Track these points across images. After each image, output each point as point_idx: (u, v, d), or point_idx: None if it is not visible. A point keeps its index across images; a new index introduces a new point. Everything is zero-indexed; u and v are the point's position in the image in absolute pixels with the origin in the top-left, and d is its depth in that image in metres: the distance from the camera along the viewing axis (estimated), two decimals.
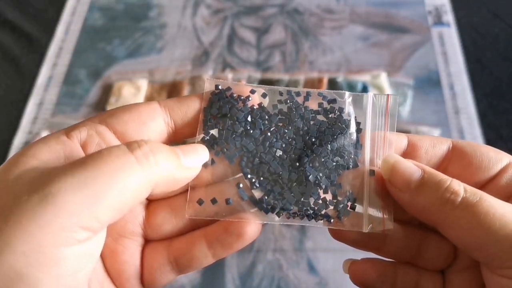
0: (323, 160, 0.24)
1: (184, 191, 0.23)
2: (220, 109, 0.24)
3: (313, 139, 0.24)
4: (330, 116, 0.25)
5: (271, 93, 0.25)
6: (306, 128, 0.25)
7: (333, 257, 0.52)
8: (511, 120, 0.63)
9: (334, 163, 0.24)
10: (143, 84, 0.68)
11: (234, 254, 0.52)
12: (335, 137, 0.24)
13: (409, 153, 0.24)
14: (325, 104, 0.25)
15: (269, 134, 0.24)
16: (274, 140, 0.24)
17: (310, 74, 0.68)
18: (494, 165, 0.22)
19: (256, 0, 0.78)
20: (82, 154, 0.19)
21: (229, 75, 0.68)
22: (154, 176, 0.18)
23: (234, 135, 0.24)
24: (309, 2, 0.77)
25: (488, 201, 0.19)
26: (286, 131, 0.24)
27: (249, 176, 0.24)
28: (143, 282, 0.22)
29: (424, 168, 0.21)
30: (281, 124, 0.25)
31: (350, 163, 0.24)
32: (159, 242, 0.23)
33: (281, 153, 0.24)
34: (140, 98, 0.66)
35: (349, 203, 0.24)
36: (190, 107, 0.23)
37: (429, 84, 0.67)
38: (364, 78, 0.66)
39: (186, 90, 0.66)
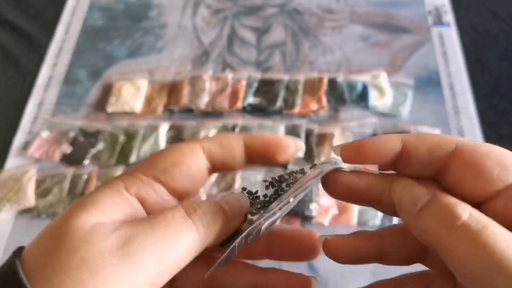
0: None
1: None
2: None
3: None
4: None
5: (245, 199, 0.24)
6: None
7: None
8: (511, 120, 0.63)
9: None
10: (143, 84, 0.68)
11: None
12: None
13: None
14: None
15: None
16: None
17: (310, 74, 0.68)
18: (501, 180, 0.19)
19: (256, 0, 0.78)
20: (143, 211, 0.22)
21: (229, 75, 0.68)
22: (207, 239, 0.21)
23: None
24: (309, 2, 0.77)
25: (492, 231, 0.17)
26: None
27: None
28: None
29: (434, 192, 0.20)
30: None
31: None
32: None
33: None
34: (140, 98, 0.66)
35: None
36: (233, 151, 0.25)
37: (429, 84, 0.67)
38: (364, 78, 0.66)
39: (186, 90, 0.66)
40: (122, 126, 0.64)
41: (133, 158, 0.60)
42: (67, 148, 0.62)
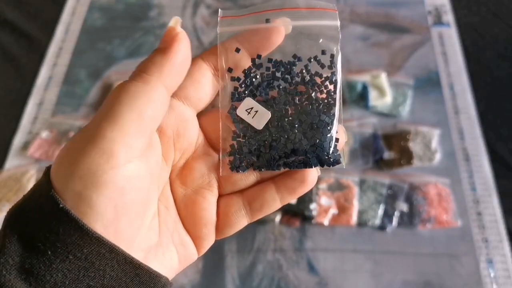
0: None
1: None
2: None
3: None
4: None
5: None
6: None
7: (333, 257, 0.52)
8: (511, 120, 0.63)
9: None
10: None
11: (234, 254, 0.52)
12: None
13: None
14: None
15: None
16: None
17: None
18: None
19: (256, 0, 0.78)
20: None
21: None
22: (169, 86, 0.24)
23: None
24: None
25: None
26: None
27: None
28: (217, 228, 0.26)
29: None
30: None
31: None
32: (233, 194, 0.27)
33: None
34: None
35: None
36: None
37: (429, 84, 0.67)
38: (364, 78, 0.66)
39: None
40: None
41: None
42: None
